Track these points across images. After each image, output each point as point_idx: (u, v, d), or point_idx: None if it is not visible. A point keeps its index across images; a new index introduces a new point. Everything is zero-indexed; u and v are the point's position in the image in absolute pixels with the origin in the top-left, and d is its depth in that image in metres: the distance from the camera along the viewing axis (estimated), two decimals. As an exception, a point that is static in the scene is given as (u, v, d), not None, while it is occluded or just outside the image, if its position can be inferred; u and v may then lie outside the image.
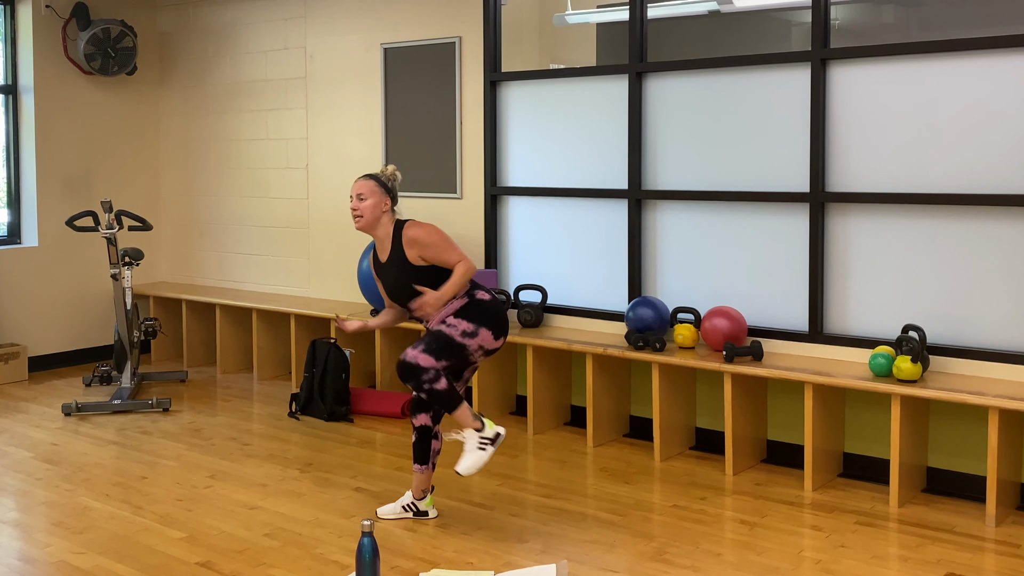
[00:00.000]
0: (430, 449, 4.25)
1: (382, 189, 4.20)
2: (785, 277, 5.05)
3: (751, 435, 5.00)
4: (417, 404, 4.23)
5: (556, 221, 5.85)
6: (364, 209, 4.16)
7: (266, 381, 6.92)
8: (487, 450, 4.02)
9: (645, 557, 3.89)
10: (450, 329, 4.06)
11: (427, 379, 3.98)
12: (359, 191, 4.18)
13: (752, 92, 5.11)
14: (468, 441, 4.05)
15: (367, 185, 4.19)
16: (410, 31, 6.38)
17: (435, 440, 4.25)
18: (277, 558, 3.89)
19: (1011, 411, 4.19)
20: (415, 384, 4.00)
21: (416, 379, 3.99)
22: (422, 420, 4.22)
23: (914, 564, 3.82)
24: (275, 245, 7.26)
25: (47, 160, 7.24)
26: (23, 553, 3.97)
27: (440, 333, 4.05)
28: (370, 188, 4.18)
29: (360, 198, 4.17)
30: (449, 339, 4.05)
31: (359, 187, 4.19)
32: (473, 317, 4.09)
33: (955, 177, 4.54)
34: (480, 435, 4.04)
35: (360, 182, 4.21)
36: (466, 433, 4.06)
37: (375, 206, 4.17)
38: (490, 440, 4.04)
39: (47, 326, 7.28)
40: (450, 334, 4.06)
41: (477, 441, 4.03)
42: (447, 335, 4.05)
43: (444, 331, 4.06)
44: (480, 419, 4.08)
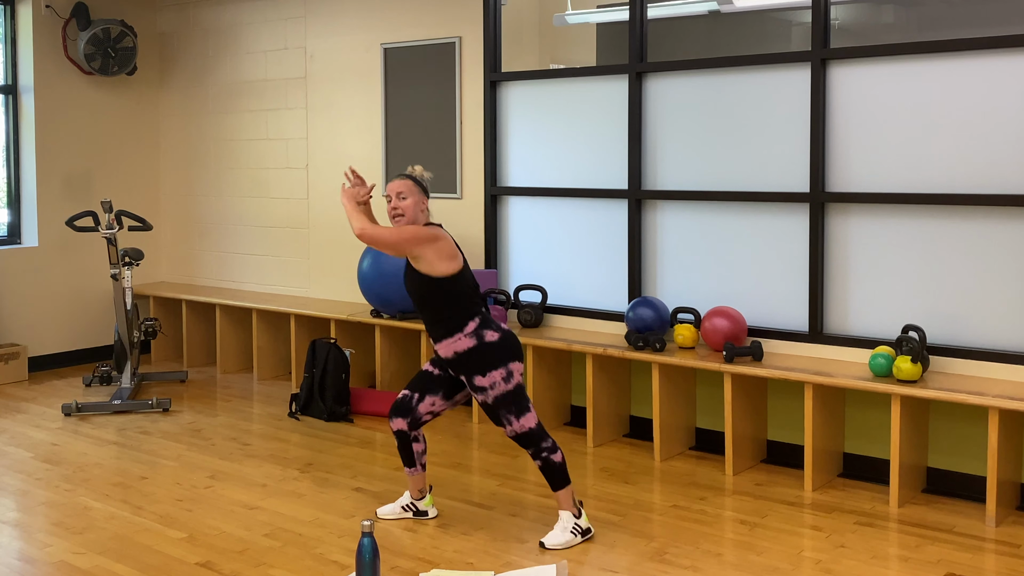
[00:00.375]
0: (413, 452, 4.22)
1: (419, 188, 4.13)
2: (785, 277, 5.05)
3: (751, 435, 5.00)
4: (395, 408, 4.19)
5: (556, 221, 5.85)
6: (406, 208, 4.07)
7: (266, 381, 6.91)
8: (576, 539, 4.03)
9: (645, 557, 3.89)
10: (495, 389, 3.99)
11: (546, 447, 4.02)
12: (399, 190, 4.09)
13: (752, 92, 5.11)
14: (563, 520, 4.04)
15: (406, 184, 4.10)
16: (410, 31, 6.38)
17: (415, 443, 4.22)
18: (277, 558, 3.89)
19: (1011, 411, 4.19)
20: (535, 451, 4.02)
21: (536, 445, 4.02)
22: (398, 424, 4.18)
23: (914, 564, 3.82)
24: (275, 245, 7.26)
25: (47, 160, 7.24)
26: (23, 553, 3.97)
27: (498, 399, 3.99)
28: (409, 187, 4.09)
29: (401, 197, 4.08)
30: (507, 394, 4.00)
31: (399, 186, 4.10)
32: (494, 364, 4.00)
33: (955, 177, 4.54)
34: (576, 522, 4.05)
35: (399, 181, 4.11)
36: (562, 515, 4.06)
37: (415, 204, 4.08)
38: (582, 531, 4.06)
39: (47, 326, 7.28)
40: (500, 392, 4.00)
41: (572, 525, 4.04)
42: (501, 395, 4.00)
43: (496, 395, 3.99)
44: (580, 507, 4.09)
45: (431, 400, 4.16)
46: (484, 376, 4.00)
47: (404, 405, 4.18)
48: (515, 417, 4.01)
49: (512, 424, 4.01)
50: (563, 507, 4.06)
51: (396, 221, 4.08)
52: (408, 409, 4.17)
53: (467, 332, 4.01)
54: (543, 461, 4.03)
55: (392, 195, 4.09)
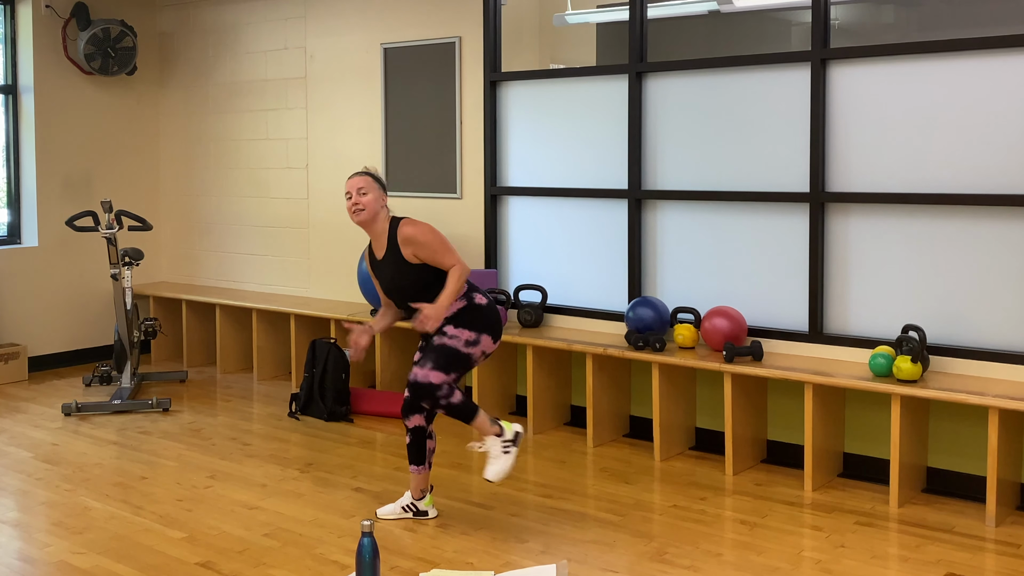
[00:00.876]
0: (425, 449, 4.24)
1: (378, 184, 4.23)
2: (785, 277, 5.05)
3: (751, 435, 5.00)
4: (409, 405, 4.21)
5: (556, 221, 5.85)
6: (366, 203, 4.16)
7: (266, 381, 6.91)
8: (511, 452, 4.08)
9: (645, 557, 3.89)
10: (453, 341, 4.05)
11: (442, 395, 4.02)
12: (359, 185, 4.19)
13: (752, 92, 5.11)
14: (491, 448, 4.09)
15: (366, 180, 4.21)
16: (410, 31, 6.38)
17: (430, 440, 4.26)
18: (277, 558, 3.89)
19: (1011, 411, 4.19)
20: (431, 402, 4.02)
21: (432, 397, 4.01)
22: (416, 421, 4.21)
23: (914, 564, 3.82)
24: (275, 245, 7.26)
25: (47, 160, 7.24)
26: (23, 553, 3.97)
27: (444, 347, 4.04)
28: (369, 182, 4.20)
29: (361, 192, 4.17)
30: (455, 351, 4.05)
31: (358, 182, 4.20)
32: (473, 324, 4.09)
33: (955, 177, 4.54)
34: (502, 440, 4.09)
35: (358, 177, 4.22)
36: (487, 441, 4.10)
37: (375, 200, 4.18)
38: (511, 441, 4.10)
39: (47, 326, 7.28)
40: (454, 346, 4.05)
41: (500, 446, 4.08)
42: (452, 347, 4.05)
43: (448, 344, 4.05)
44: (498, 423, 4.12)
45: None
46: (456, 328, 4.07)
47: (416, 402, 4.19)
48: (434, 367, 4.00)
49: (426, 369, 4.00)
50: (486, 434, 4.10)
51: (355, 216, 4.18)
52: (421, 405, 4.19)
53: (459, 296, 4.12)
54: (446, 408, 4.03)
55: (352, 191, 4.19)
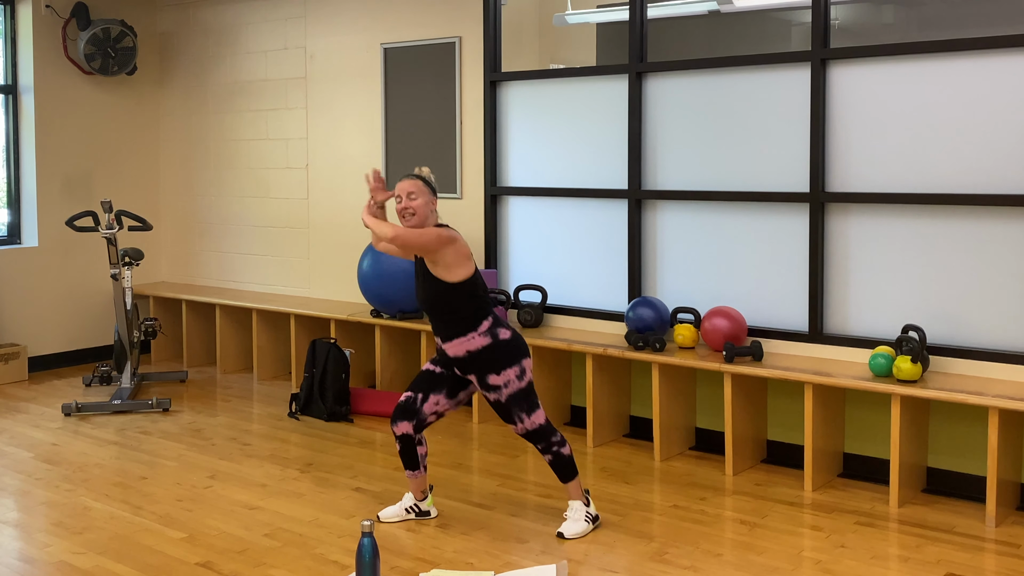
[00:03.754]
0: (417, 454, 4.22)
1: (429, 188, 4.12)
2: (785, 277, 5.05)
3: (751, 435, 5.00)
4: (401, 410, 4.17)
5: (556, 221, 5.85)
6: (417, 207, 4.06)
7: (266, 381, 6.91)
8: (590, 525, 4.15)
9: (645, 557, 3.89)
10: (510, 387, 4.04)
11: (556, 441, 4.09)
12: (410, 189, 4.07)
13: (752, 92, 5.11)
14: (574, 511, 4.15)
15: (416, 184, 4.09)
16: (410, 31, 6.38)
17: (419, 446, 4.23)
18: (277, 558, 3.89)
19: (1011, 411, 4.19)
20: (544, 446, 4.09)
21: (546, 440, 4.08)
22: (403, 428, 4.16)
23: (914, 564, 3.82)
24: (275, 245, 7.26)
25: (47, 160, 7.24)
26: (23, 553, 3.97)
27: (512, 396, 4.04)
28: (419, 187, 4.09)
29: (411, 197, 4.06)
30: (520, 392, 4.05)
31: (409, 186, 4.08)
32: (510, 361, 4.05)
33: (955, 177, 4.54)
34: (587, 510, 4.16)
35: (408, 181, 4.10)
36: (573, 504, 4.16)
37: (425, 205, 4.08)
38: (592, 518, 4.17)
39: (47, 326, 7.28)
40: (515, 389, 4.05)
41: (585, 515, 4.15)
42: (516, 391, 4.04)
43: (509, 393, 4.03)
44: (587, 495, 4.19)
45: (435, 400, 4.16)
46: (499, 375, 4.03)
47: (408, 408, 4.17)
48: (526, 414, 4.05)
49: (524, 421, 4.05)
50: (573, 497, 4.15)
51: (406, 221, 4.08)
52: (413, 411, 4.16)
53: (481, 331, 4.03)
54: (553, 455, 4.10)
55: (403, 195, 4.08)
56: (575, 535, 4.07)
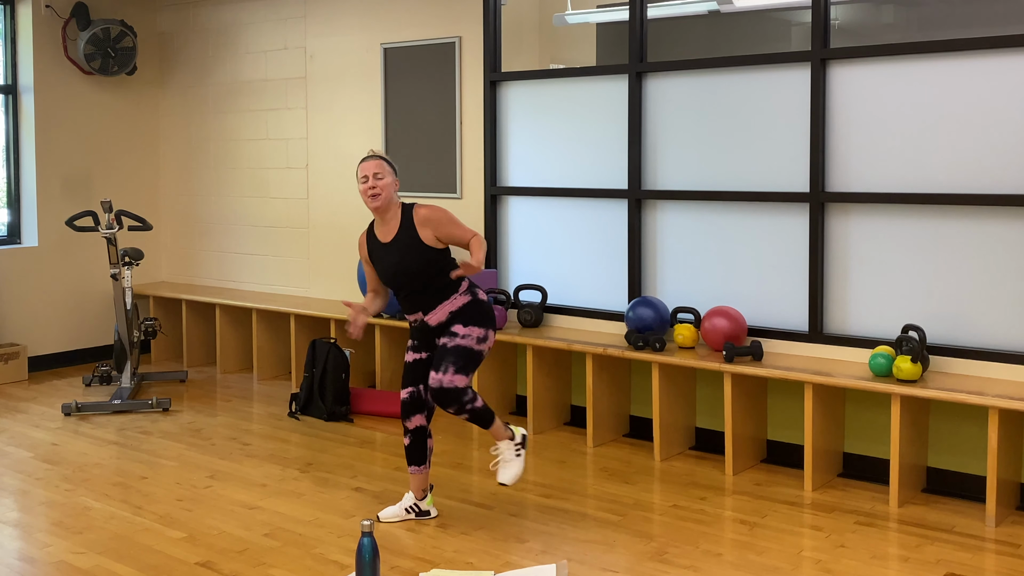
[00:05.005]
0: (426, 449, 4.24)
1: (392, 168, 4.18)
2: (785, 277, 5.05)
3: (751, 435, 5.00)
4: (409, 406, 4.19)
5: (556, 221, 5.85)
6: (383, 187, 4.10)
7: (266, 381, 6.91)
8: (522, 455, 4.18)
9: (645, 557, 3.89)
10: (466, 340, 4.05)
11: (468, 399, 4.04)
12: (375, 170, 4.10)
13: (752, 92, 5.11)
14: (504, 452, 4.16)
15: (381, 164, 4.13)
16: (410, 31, 6.38)
17: (429, 438, 4.25)
18: (277, 558, 3.89)
19: (1011, 411, 4.19)
20: (457, 408, 4.03)
21: (459, 401, 4.02)
22: (417, 421, 4.20)
23: (914, 564, 3.82)
24: (275, 245, 7.26)
25: (47, 160, 7.24)
26: (23, 553, 3.97)
27: (459, 347, 4.03)
28: (383, 166, 4.13)
29: (377, 176, 4.10)
30: (469, 350, 4.05)
31: (374, 166, 4.11)
32: (482, 321, 4.10)
33: (955, 177, 4.54)
34: (514, 443, 4.17)
35: (373, 161, 4.13)
36: (501, 445, 4.17)
37: (391, 184, 4.14)
38: (521, 444, 4.19)
39: (47, 326, 7.28)
40: (468, 345, 4.05)
41: (513, 450, 4.15)
42: (466, 347, 4.05)
43: (461, 344, 4.04)
44: (509, 428, 4.19)
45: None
46: (465, 326, 4.07)
47: (416, 401, 4.19)
48: (455, 369, 4.01)
49: (447, 373, 3.99)
50: (499, 438, 4.18)
51: (373, 200, 4.12)
52: (421, 403, 4.20)
53: (462, 291, 4.13)
54: (469, 412, 4.05)
55: (369, 175, 4.11)
56: (515, 478, 4.14)
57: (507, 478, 4.14)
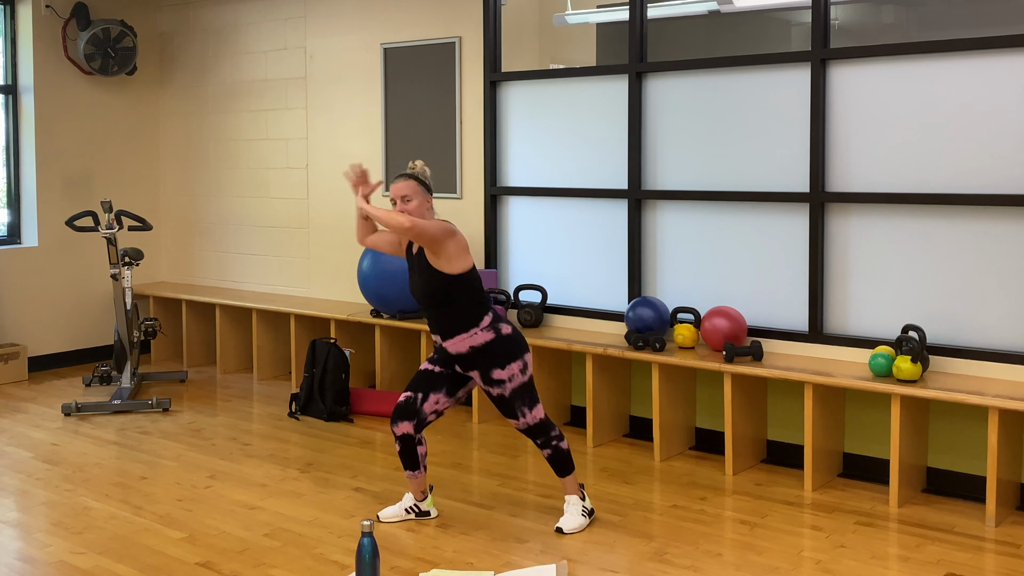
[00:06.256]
0: (417, 455, 4.21)
1: (423, 187, 4.06)
2: (785, 277, 5.05)
3: (751, 435, 5.00)
4: (401, 410, 4.16)
5: (556, 221, 5.85)
6: (411, 210, 3.99)
7: (266, 381, 6.91)
8: (587, 519, 4.18)
9: (645, 557, 3.89)
10: (513, 382, 4.05)
11: (555, 435, 4.12)
12: (403, 192, 4.00)
13: (752, 92, 5.11)
14: (572, 506, 4.17)
15: (410, 185, 4.02)
16: (410, 31, 6.38)
17: (419, 445, 4.22)
18: (277, 558, 3.89)
19: (1011, 411, 4.19)
20: (544, 441, 4.10)
21: (545, 435, 4.10)
22: (403, 428, 4.15)
23: (914, 564, 3.82)
24: (275, 245, 7.26)
25: (47, 160, 7.24)
26: (23, 553, 3.97)
27: (515, 391, 4.05)
28: (413, 188, 4.01)
29: (406, 200, 4.00)
30: (523, 386, 4.07)
31: (402, 188, 4.01)
32: (513, 355, 4.06)
33: (955, 177, 4.54)
34: (583, 504, 4.19)
35: (402, 183, 4.02)
36: (570, 499, 4.19)
37: (420, 206, 4.02)
38: (589, 512, 4.21)
39: (47, 326, 7.28)
40: (517, 385, 4.06)
41: (582, 508, 4.18)
42: (518, 387, 4.06)
43: (511, 387, 4.04)
44: (583, 490, 4.22)
45: (435, 399, 4.15)
46: (503, 369, 4.04)
47: (408, 408, 4.16)
48: (528, 409, 4.08)
49: (526, 416, 4.07)
50: (570, 492, 4.19)
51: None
52: (413, 412, 4.15)
53: (483, 326, 4.03)
54: (552, 450, 4.12)
55: (396, 199, 4.03)
56: (573, 530, 4.10)
57: (569, 526, 4.11)
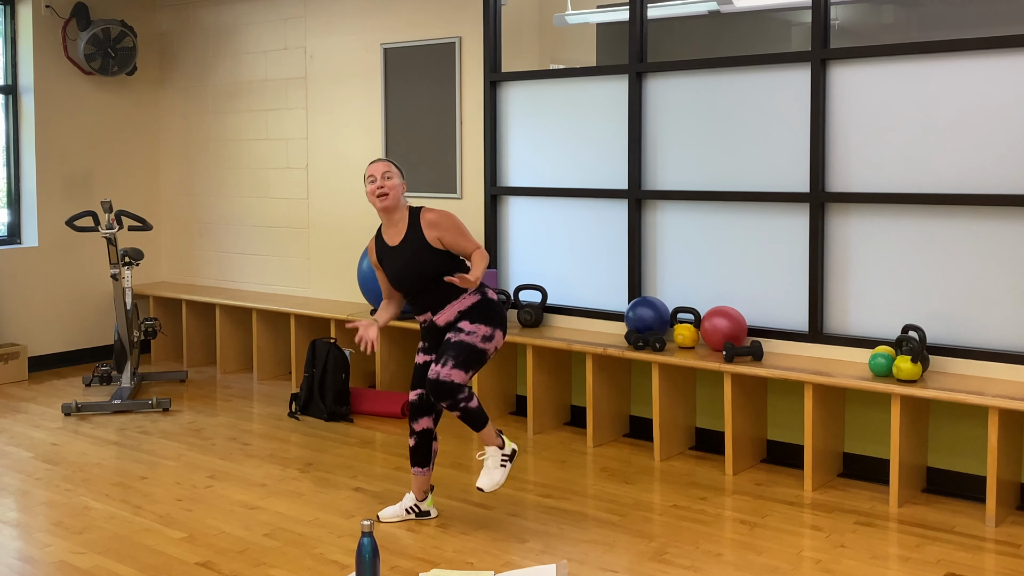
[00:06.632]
0: (431, 451, 4.24)
1: (400, 170, 4.21)
2: (785, 277, 5.05)
3: (751, 435, 5.00)
4: (417, 408, 4.21)
5: (556, 221, 5.85)
6: (391, 187, 4.13)
7: (266, 381, 6.91)
8: (507, 467, 4.15)
9: (645, 557, 3.89)
10: (471, 337, 4.04)
11: (463, 397, 4.03)
12: (384, 170, 4.14)
13: (752, 92, 5.11)
14: (490, 458, 4.14)
15: (389, 165, 4.18)
16: (410, 31, 6.38)
17: (435, 441, 4.26)
18: (277, 558, 3.89)
19: (1011, 411, 4.19)
20: (450, 403, 4.02)
21: (452, 398, 4.00)
22: (424, 424, 4.20)
23: (914, 564, 3.82)
24: (275, 245, 7.26)
25: (47, 160, 7.24)
26: (23, 553, 3.97)
27: (462, 343, 4.03)
28: (392, 168, 4.17)
29: (386, 176, 4.13)
30: (472, 347, 4.04)
31: (382, 166, 4.15)
32: (490, 319, 4.09)
33: (955, 177, 4.54)
34: (502, 452, 4.14)
35: (381, 163, 4.17)
36: (489, 451, 4.15)
37: (399, 185, 4.17)
38: (509, 457, 4.16)
39: (47, 326, 7.28)
40: (471, 342, 4.04)
41: (500, 458, 4.13)
42: (469, 344, 4.04)
43: (465, 340, 4.03)
44: (501, 436, 4.17)
45: None
46: (472, 323, 4.07)
47: (424, 404, 4.20)
48: (454, 364, 3.99)
49: (447, 367, 3.98)
50: (488, 443, 4.15)
51: (381, 200, 4.13)
52: (430, 406, 4.20)
53: (471, 290, 4.11)
54: (462, 411, 4.04)
55: (377, 175, 4.13)
56: (493, 486, 4.09)
57: (486, 484, 4.10)
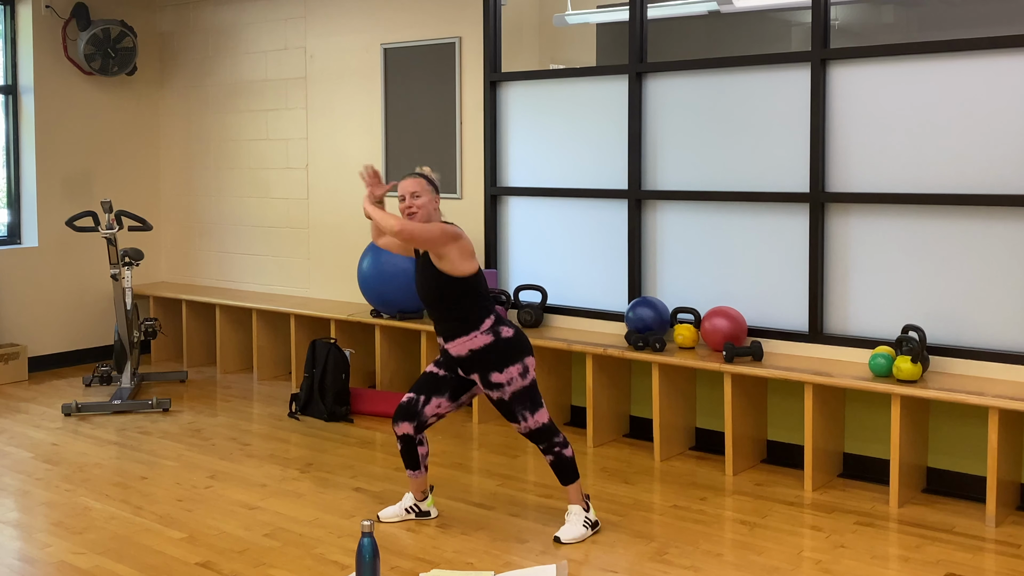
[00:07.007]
0: (418, 455, 4.22)
1: (432, 187, 4.10)
2: (785, 277, 5.05)
3: (751, 435, 5.00)
4: (403, 411, 4.16)
5: (556, 221, 5.85)
6: (420, 206, 4.03)
7: (266, 381, 6.91)
8: (588, 531, 4.10)
9: (645, 557, 3.89)
10: (512, 385, 4.02)
11: (558, 442, 4.07)
12: (413, 189, 4.05)
13: (752, 92, 5.11)
14: (574, 516, 4.11)
15: (420, 183, 4.07)
16: (410, 31, 6.38)
17: (420, 446, 4.22)
18: (277, 558, 3.89)
19: (1011, 411, 4.19)
20: (546, 446, 4.06)
21: (548, 440, 4.06)
22: (404, 429, 4.16)
23: (914, 564, 3.82)
24: (275, 245, 7.26)
25: (47, 160, 7.24)
26: (23, 553, 3.97)
27: (515, 394, 4.02)
28: (422, 186, 4.07)
29: (414, 196, 4.04)
30: (522, 391, 4.04)
31: (412, 185, 4.06)
32: (510, 359, 4.03)
33: (955, 177, 4.54)
34: (586, 515, 4.12)
35: (411, 180, 4.08)
36: (572, 508, 4.13)
37: (429, 203, 4.06)
38: (592, 524, 4.13)
39: (47, 326, 7.28)
40: (516, 389, 4.03)
41: (583, 519, 4.11)
42: (518, 390, 4.03)
43: (510, 391, 4.02)
44: (587, 500, 4.16)
45: (437, 402, 4.15)
46: (501, 372, 4.02)
47: (410, 409, 4.16)
48: (530, 413, 4.04)
49: (527, 420, 4.04)
50: (573, 501, 4.12)
51: (410, 219, 4.03)
52: (414, 413, 4.15)
53: (483, 329, 4.03)
54: (555, 456, 4.08)
55: (406, 194, 4.06)
56: (572, 540, 4.03)
57: (568, 536, 4.04)
